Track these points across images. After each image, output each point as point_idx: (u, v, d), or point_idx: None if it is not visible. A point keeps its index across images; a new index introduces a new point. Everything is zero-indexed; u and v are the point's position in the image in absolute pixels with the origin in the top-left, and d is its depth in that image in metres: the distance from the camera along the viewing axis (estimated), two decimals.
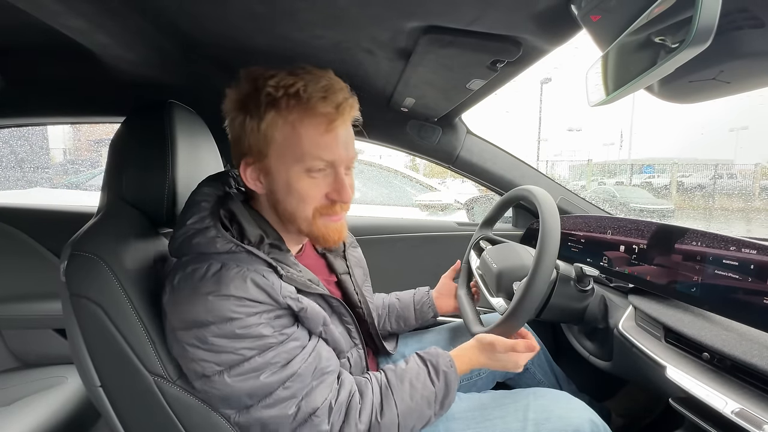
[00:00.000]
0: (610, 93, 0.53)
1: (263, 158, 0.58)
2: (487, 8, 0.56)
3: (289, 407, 0.57)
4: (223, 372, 0.55)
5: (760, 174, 6.28)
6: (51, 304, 1.22)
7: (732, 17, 0.42)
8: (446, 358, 0.69)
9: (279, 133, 0.56)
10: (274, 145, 0.57)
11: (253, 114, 0.56)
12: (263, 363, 0.55)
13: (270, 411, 0.56)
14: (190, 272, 0.56)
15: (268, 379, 0.55)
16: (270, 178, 0.59)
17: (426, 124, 1.21)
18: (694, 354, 0.65)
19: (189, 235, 0.58)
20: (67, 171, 4.19)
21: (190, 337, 0.55)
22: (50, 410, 0.94)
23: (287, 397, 0.57)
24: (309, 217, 0.60)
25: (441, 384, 0.66)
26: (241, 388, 0.55)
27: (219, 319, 0.53)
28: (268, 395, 0.56)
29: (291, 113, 0.55)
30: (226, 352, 0.54)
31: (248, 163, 0.60)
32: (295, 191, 0.58)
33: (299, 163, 0.57)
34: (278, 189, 0.59)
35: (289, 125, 0.56)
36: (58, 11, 0.58)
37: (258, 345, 0.55)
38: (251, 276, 0.55)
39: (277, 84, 0.55)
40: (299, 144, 0.56)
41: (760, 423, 0.50)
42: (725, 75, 0.48)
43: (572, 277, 0.83)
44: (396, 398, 0.63)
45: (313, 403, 0.58)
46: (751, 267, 0.61)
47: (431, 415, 0.65)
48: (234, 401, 0.57)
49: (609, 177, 8.69)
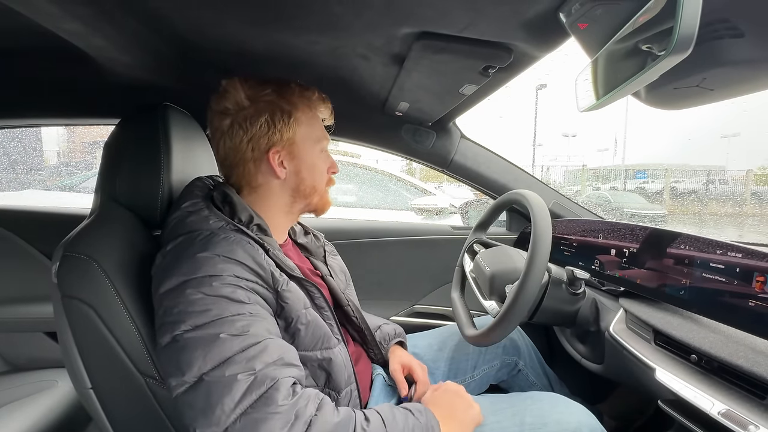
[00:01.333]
0: (599, 99, 0.54)
1: (291, 144, 0.70)
2: (478, 15, 0.57)
3: (242, 380, 0.49)
4: (189, 330, 0.51)
5: (751, 180, 6.38)
6: (42, 307, 1.21)
7: (713, 27, 0.43)
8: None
9: (302, 126, 0.71)
10: (301, 132, 0.70)
11: (284, 110, 0.68)
12: (228, 326, 0.51)
13: (219, 376, 0.49)
14: (181, 241, 0.59)
15: (227, 343, 0.50)
16: (297, 159, 0.71)
17: (420, 129, 1.22)
18: (683, 356, 0.66)
19: (183, 216, 0.62)
20: (61, 173, 4.15)
21: (171, 297, 0.53)
22: (40, 414, 0.93)
23: (242, 371, 0.49)
24: (323, 187, 0.76)
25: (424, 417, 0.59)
26: (198, 346, 0.50)
27: (202, 273, 0.54)
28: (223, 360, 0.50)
29: (311, 108, 0.73)
30: (199, 308, 0.51)
31: (277, 151, 0.69)
32: (318, 167, 0.74)
33: (318, 143, 0.73)
34: (304, 167, 0.71)
35: (308, 117, 0.72)
36: (54, 14, 0.59)
37: (231, 308, 0.52)
38: (240, 243, 0.59)
39: (302, 94, 0.71)
40: (316, 129, 0.73)
41: (746, 423, 0.50)
42: (708, 82, 0.49)
43: (564, 281, 0.84)
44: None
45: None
46: (737, 270, 0.63)
47: None
48: (185, 363, 0.49)
49: (603, 182, 8.77)
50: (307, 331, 0.63)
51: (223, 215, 0.63)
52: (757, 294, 0.59)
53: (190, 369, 0.49)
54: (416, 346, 0.99)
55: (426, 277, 1.43)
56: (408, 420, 0.56)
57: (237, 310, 0.53)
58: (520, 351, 0.99)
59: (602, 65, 0.52)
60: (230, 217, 0.64)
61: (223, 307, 0.52)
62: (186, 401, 0.49)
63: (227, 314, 0.52)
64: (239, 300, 0.54)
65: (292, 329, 0.62)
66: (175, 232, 0.61)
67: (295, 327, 0.62)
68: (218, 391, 0.48)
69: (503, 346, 0.98)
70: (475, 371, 0.95)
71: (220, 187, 0.69)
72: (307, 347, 0.63)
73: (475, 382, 0.95)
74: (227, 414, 0.47)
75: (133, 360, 0.59)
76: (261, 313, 0.56)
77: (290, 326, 0.62)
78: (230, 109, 0.67)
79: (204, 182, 0.70)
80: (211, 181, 0.72)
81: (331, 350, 0.66)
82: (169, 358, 0.52)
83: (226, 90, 0.67)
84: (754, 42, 0.44)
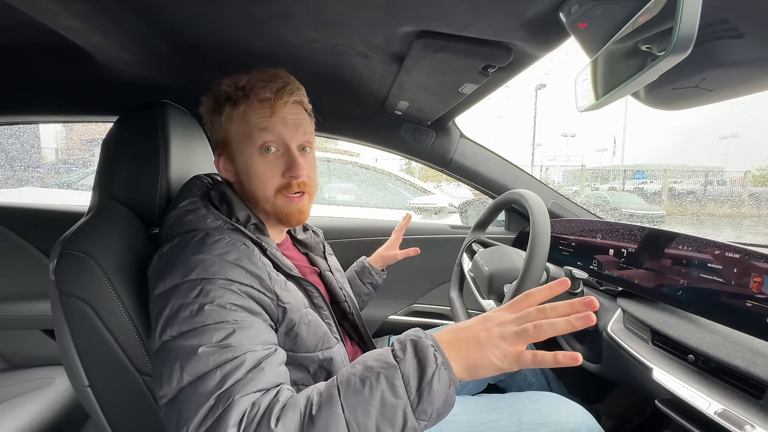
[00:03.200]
0: (599, 98, 0.54)
1: (227, 146, 0.66)
2: (478, 15, 0.57)
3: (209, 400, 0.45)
4: (175, 337, 0.49)
5: (749, 181, 6.40)
6: (39, 305, 1.21)
7: (713, 28, 0.43)
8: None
9: (234, 123, 0.64)
10: (232, 133, 0.64)
11: (216, 111, 0.65)
12: (210, 335, 0.48)
13: (191, 394, 0.45)
14: (177, 242, 0.57)
15: (203, 358, 0.47)
16: (234, 163, 0.66)
17: (420, 128, 1.22)
18: (680, 356, 0.66)
19: (181, 215, 0.61)
20: (59, 170, 4.14)
21: (163, 300, 0.52)
22: (37, 412, 0.93)
23: (211, 389, 0.45)
24: (270, 196, 0.65)
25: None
26: (178, 357, 0.47)
27: (194, 275, 0.52)
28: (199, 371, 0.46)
29: (241, 103, 0.63)
30: (185, 314, 0.49)
31: (219, 154, 0.67)
32: (253, 172, 0.64)
33: (251, 144, 0.63)
34: (240, 172, 0.66)
35: (240, 113, 0.63)
36: (52, 10, 0.58)
37: (215, 315, 0.49)
38: (235, 244, 0.57)
39: (230, 82, 0.63)
40: (249, 127, 0.63)
41: (742, 423, 0.51)
42: (707, 83, 0.49)
43: None
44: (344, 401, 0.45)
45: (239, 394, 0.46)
46: (734, 271, 0.63)
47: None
48: (167, 375, 0.47)
49: (602, 182, 8.78)
50: (309, 332, 0.62)
51: (221, 214, 0.62)
52: (754, 294, 0.59)
53: (170, 382, 0.46)
54: None
55: (424, 277, 1.43)
56: (381, 374, 0.44)
57: (222, 317, 0.50)
58: None
59: (602, 65, 0.52)
60: (228, 216, 0.63)
61: (207, 314, 0.49)
62: (166, 414, 0.47)
63: (210, 322, 0.49)
64: (227, 306, 0.51)
65: (294, 332, 0.60)
66: (172, 231, 0.60)
67: (298, 328, 0.60)
68: (186, 410, 0.44)
69: None
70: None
71: (218, 186, 0.69)
72: (309, 349, 0.62)
73: (473, 381, 0.95)
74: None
75: (130, 358, 0.59)
76: (247, 321, 0.52)
77: (292, 330, 0.60)
78: (203, 110, 0.68)
79: (202, 181, 0.70)
80: (209, 180, 0.72)
81: (331, 350, 0.65)
82: (157, 365, 0.50)
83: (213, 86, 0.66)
84: (753, 43, 0.44)
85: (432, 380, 0.42)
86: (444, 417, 0.45)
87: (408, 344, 0.46)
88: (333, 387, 0.45)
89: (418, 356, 0.44)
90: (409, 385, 0.43)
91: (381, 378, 0.43)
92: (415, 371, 0.43)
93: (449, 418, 0.70)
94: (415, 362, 0.44)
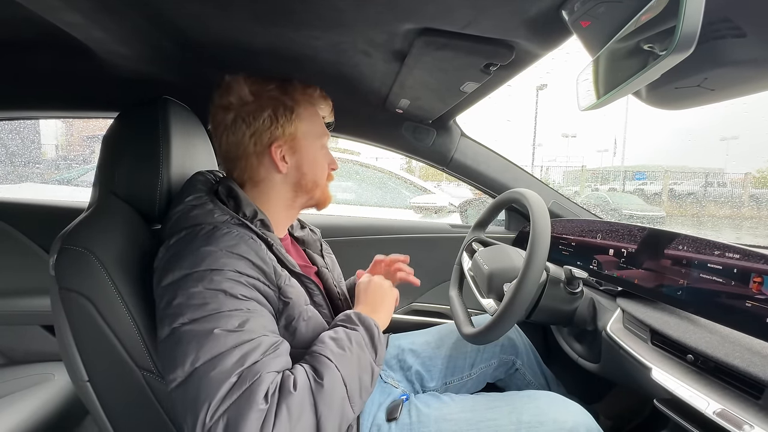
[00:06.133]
0: (600, 97, 0.54)
1: (293, 139, 0.71)
2: (480, 12, 0.57)
3: (231, 378, 0.49)
4: (186, 324, 0.51)
5: (749, 183, 6.39)
6: (39, 300, 1.21)
7: (715, 27, 0.43)
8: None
9: (304, 121, 0.72)
10: (301, 130, 0.71)
11: (287, 105, 0.70)
12: (224, 321, 0.51)
13: (209, 372, 0.48)
14: (184, 235, 0.59)
15: (221, 339, 0.50)
16: (298, 154, 0.72)
17: (421, 126, 1.22)
18: (679, 356, 0.66)
19: (187, 210, 0.62)
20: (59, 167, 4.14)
21: (172, 290, 0.53)
22: (36, 407, 0.93)
23: (232, 368, 0.49)
24: (323, 182, 0.76)
25: (362, 328, 0.63)
26: (192, 340, 0.50)
27: (204, 266, 0.54)
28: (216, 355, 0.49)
29: (312, 104, 0.74)
30: (197, 301, 0.51)
31: (279, 145, 0.70)
32: (319, 162, 0.75)
33: (320, 139, 0.75)
34: (305, 162, 0.72)
35: (309, 114, 0.73)
36: (54, 5, 0.58)
37: (229, 303, 0.52)
38: (243, 237, 0.59)
39: (304, 90, 0.73)
40: (317, 127, 0.75)
41: (740, 423, 0.51)
42: (709, 82, 0.49)
43: (562, 280, 0.84)
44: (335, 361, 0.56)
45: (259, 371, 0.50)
46: (734, 271, 0.63)
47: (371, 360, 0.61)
48: (180, 357, 0.50)
49: (602, 183, 8.77)
50: (308, 328, 0.63)
51: (228, 209, 0.64)
52: (753, 295, 0.59)
53: (183, 364, 0.49)
54: (414, 343, 0.99)
55: (424, 275, 1.42)
56: (352, 339, 0.60)
57: (235, 306, 0.53)
58: (518, 350, 1.00)
59: (603, 64, 0.52)
60: (234, 212, 0.64)
61: (221, 301, 0.52)
62: (178, 396, 0.49)
63: (225, 309, 0.52)
64: (238, 296, 0.54)
65: (293, 327, 0.62)
66: (178, 225, 0.61)
67: (297, 323, 0.62)
68: (207, 387, 0.47)
69: (501, 345, 0.99)
70: (473, 369, 0.95)
71: (224, 182, 0.70)
72: (306, 344, 0.62)
73: (472, 380, 0.95)
74: (213, 411, 0.46)
75: (130, 353, 0.59)
76: (258, 310, 0.55)
77: (291, 324, 0.62)
78: (233, 104, 0.68)
79: (206, 176, 0.71)
80: (213, 176, 0.72)
81: None
82: (166, 352, 0.52)
83: (230, 85, 0.68)
84: (756, 42, 0.44)
85: (379, 339, 0.63)
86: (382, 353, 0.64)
87: (353, 316, 0.64)
88: (322, 357, 0.56)
89: (367, 330, 0.63)
90: (367, 344, 0.61)
91: (353, 343, 0.59)
92: (369, 337, 0.62)
93: (448, 416, 0.72)
94: (365, 331, 0.63)
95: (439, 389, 0.92)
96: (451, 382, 0.94)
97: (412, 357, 0.95)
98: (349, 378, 0.55)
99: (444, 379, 0.94)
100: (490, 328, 0.74)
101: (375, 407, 0.76)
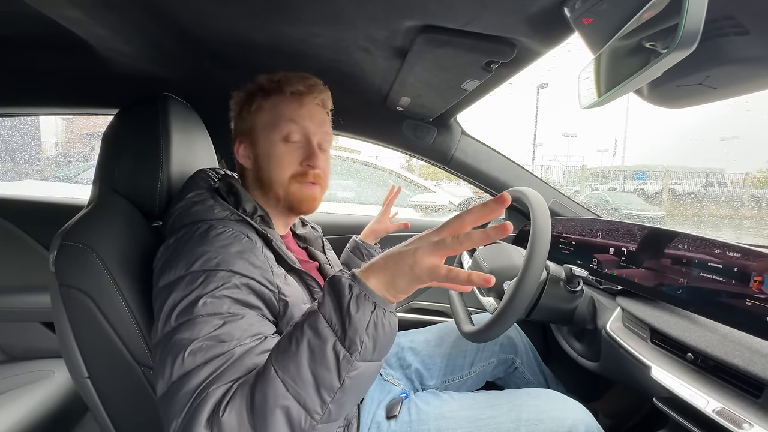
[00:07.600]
0: (602, 95, 0.54)
1: (250, 133, 0.70)
2: (482, 10, 0.56)
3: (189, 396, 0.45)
4: (173, 330, 0.49)
5: (750, 183, 6.39)
6: (39, 297, 1.21)
7: (718, 24, 0.43)
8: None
9: (263, 112, 0.69)
10: (259, 122, 0.69)
11: (247, 102, 0.70)
12: (200, 327, 0.48)
13: (179, 389, 0.46)
14: (182, 235, 0.58)
15: (195, 352, 0.47)
16: (256, 149, 0.69)
17: (421, 124, 1.21)
18: (679, 354, 0.66)
19: (188, 206, 0.62)
20: (59, 164, 4.14)
21: (166, 292, 0.52)
22: (36, 404, 0.93)
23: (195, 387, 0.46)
24: (285, 181, 0.68)
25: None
26: (171, 352, 0.48)
27: (197, 267, 0.53)
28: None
29: (273, 94, 0.69)
30: (184, 305, 0.50)
31: (241, 141, 0.71)
32: (274, 157, 0.68)
33: (276, 132, 0.67)
34: (261, 157, 0.69)
35: (271, 103, 0.69)
36: (55, 2, 0.58)
37: (214, 306, 0.50)
38: (238, 236, 0.58)
39: (265, 77, 0.70)
40: (276, 116, 0.68)
41: (740, 421, 0.51)
42: (711, 80, 0.49)
43: (562, 278, 0.84)
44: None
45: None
46: (734, 270, 0.63)
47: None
48: (161, 369, 0.48)
49: (602, 183, 8.77)
50: None
51: (228, 205, 0.64)
52: (754, 294, 0.59)
53: (163, 376, 0.47)
54: (414, 341, 0.99)
55: None
56: (305, 324, 0.45)
57: (215, 309, 0.50)
58: (518, 349, 1.00)
59: (605, 61, 0.51)
60: (235, 207, 0.65)
61: (201, 305, 0.49)
62: (161, 408, 0.48)
63: (203, 313, 0.49)
64: (222, 297, 0.51)
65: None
66: (178, 222, 0.61)
67: None
68: (174, 405, 0.45)
69: (500, 344, 0.99)
70: (472, 368, 0.96)
71: (225, 178, 0.71)
72: None
73: (471, 378, 0.95)
74: (173, 428, 0.44)
75: (129, 349, 0.59)
76: (240, 313, 0.51)
77: (291, 323, 0.60)
78: (234, 102, 0.73)
79: (207, 174, 0.71)
80: (214, 173, 0.73)
81: None
82: (156, 359, 0.50)
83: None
84: (759, 40, 0.44)
85: (349, 308, 0.42)
86: (387, 342, 0.44)
87: (325, 287, 0.46)
88: (267, 357, 0.45)
89: (333, 292, 0.44)
90: (332, 323, 0.43)
91: (304, 328, 0.44)
92: (334, 308, 0.43)
93: (448, 414, 0.72)
94: (330, 299, 0.44)
95: (439, 387, 0.93)
96: (451, 381, 0.94)
97: (412, 355, 0.95)
98: (292, 380, 0.42)
99: (443, 378, 0.94)
100: (490, 326, 0.74)
101: (374, 405, 0.76)
